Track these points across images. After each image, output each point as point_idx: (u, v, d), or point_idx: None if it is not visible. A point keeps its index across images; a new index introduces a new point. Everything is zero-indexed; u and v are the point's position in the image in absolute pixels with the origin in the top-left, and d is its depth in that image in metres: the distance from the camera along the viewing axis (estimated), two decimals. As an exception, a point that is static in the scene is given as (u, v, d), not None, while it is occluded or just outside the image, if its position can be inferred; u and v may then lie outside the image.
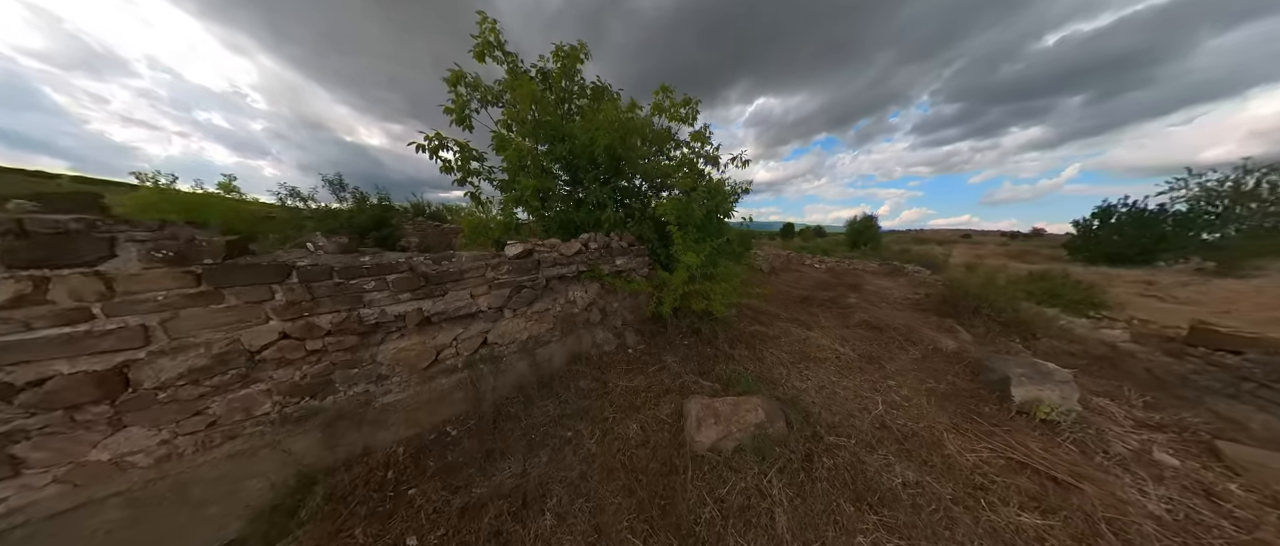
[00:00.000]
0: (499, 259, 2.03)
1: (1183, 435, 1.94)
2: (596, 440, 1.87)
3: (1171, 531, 1.47)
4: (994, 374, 2.29)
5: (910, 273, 5.15)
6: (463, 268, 1.87)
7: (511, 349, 2.18)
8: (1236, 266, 4.70)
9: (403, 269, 1.68)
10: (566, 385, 2.28)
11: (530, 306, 2.23)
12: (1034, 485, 1.67)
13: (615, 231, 2.96)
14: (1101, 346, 2.54)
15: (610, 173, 3.23)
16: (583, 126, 2.92)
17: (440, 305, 1.81)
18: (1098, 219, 6.46)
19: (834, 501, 1.50)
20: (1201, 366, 2.08)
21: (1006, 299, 3.01)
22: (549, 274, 2.31)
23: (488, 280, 1.98)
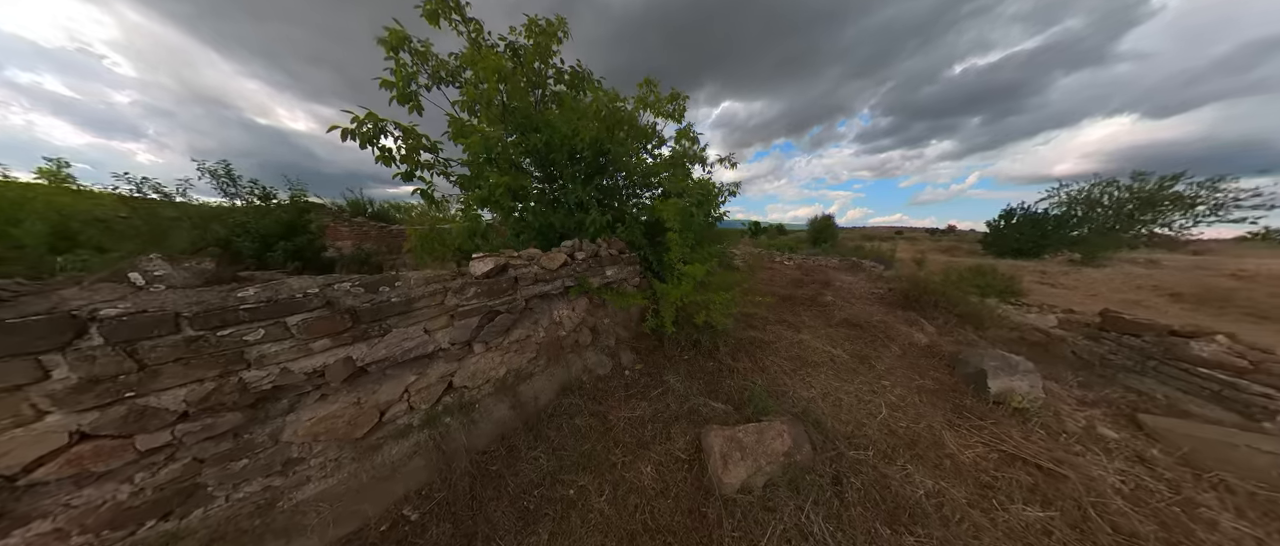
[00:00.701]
0: (462, 279, 1.51)
1: (1111, 410, 2.17)
2: (607, 497, 1.49)
3: (1132, 503, 1.56)
4: (969, 367, 2.41)
5: (867, 267, 5.56)
6: (411, 295, 1.33)
7: (486, 391, 1.69)
8: (1094, 258, 6.13)
9: (314, 305, 1.11)
10: (559, 425, 1.85)
11: (507, 335, 1.74)
12: (1027, 476, 1.69)
13: (601, 238, 2.56)
14: (1036, 332, 2.91)
15: (594, 170, 2.81)
16: (564, 115, 2.46)
17: (381, 349, 1.27)
18: (1004, 220, 7.89)
19: (870, 526, 1.37)
20: (1114, 348, 2.45)
21: (960, 294, 3.30)
22: (529, 293, 1.83)
23: (448, 308, 1.46)
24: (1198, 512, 1.54)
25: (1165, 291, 4.01)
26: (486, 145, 2.12)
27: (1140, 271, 5.18)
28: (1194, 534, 1.43)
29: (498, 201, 2.42)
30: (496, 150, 2.21)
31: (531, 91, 2.78)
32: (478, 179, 2.46)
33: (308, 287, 1.11)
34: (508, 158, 2.38)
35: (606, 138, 2.45)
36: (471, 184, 2.54)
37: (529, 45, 2.55)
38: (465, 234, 2.45)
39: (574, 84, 2.97)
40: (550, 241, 2.60)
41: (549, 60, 2.76)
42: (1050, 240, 7.02)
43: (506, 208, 2.42)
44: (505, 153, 2.27)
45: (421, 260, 2.59)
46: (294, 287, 1.09)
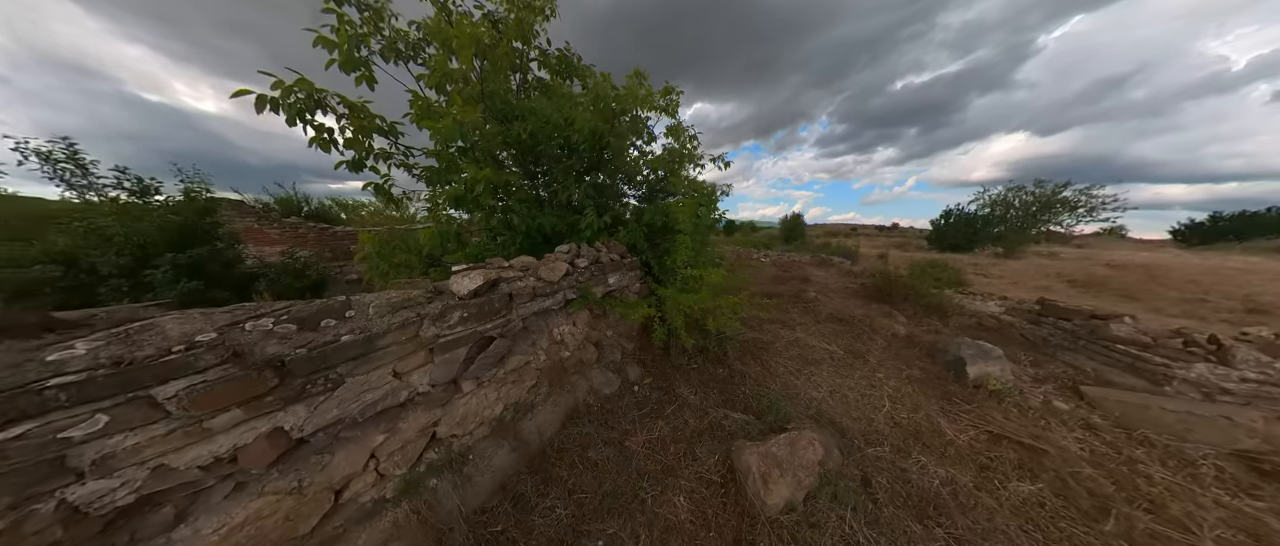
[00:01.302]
0: (442, 301, 1.13)
1: (1058, 384, 2.44)
2: (643, 543, 1.24)
3: (1094, 465, 1.73)
4: (949, 356, 2.56)
5: (836, 263, 5.91)
6: (372, 329, 0.94)
7: (480, 434, 1.32)
8: (1012, 252, 7.36)
9: (208, 362, 0.69)
10: (571, 461, 1.54)
11: (502, 365, 1.38)
12: (1014, 453, 1.79)
13: (599, 242, 2.26)
14: (991, 319, 3.26)
15: (589, 165, 2.48)
16: (555, 103, 2.10)
17: (330, 409, 0.86)
18: (944, 219, 9.15)
19: (904, 524, 1.34)
20: (1052, 330, 2.81)
21: (924, 286, 3.58)
22: (527, 312, 1.49)
23: (425, 341, 1.07)
24: (1137, 467, 1.74)
25: (1065, 278, 4.97)
26: (462, 131, 1.70)
27: (1045, 262, 6.25)
28: (1139, 486, 1.62)
29: (476, 200, 2.00)
30: (474, 138, 1.79)
31: (510, 76, 2.36)
32: (450, 172, 2.01)
33: (196, 332, 0.69)
34: (488, 147, 1.96)
35: (606, 130, 2.15)
36: (441, 178, 2.07)
37: (509, 19, 2.13)
38: (436, 239, 1.98)
39: (562, 70, 2.60)
40: (537, 247, 2.23)
41: (531, 41, 2.36)
42: (979, 236, 8.30)
43: (487, 207, 2.00)
44: (484, 141, 1.85)
45: (379, 273, 2.05)
46: (171, 334, 0.66)
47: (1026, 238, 8.08)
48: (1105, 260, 5.99)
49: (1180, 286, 4.53)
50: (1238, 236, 11.59)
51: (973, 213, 8.78)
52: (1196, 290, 4.45)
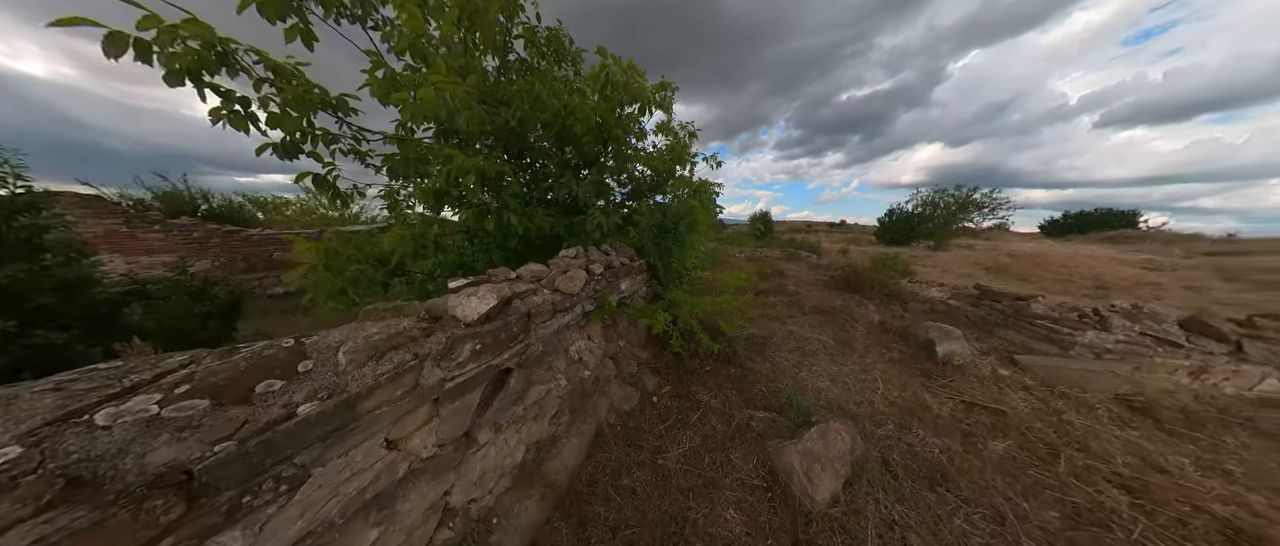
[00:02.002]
0: (446, 334, 0.81)
1: (999, 355, 2.84)
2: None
3: (1038, 419, 2.03)
4: (920, 338, 2.81)
5: (804, 257, 6.32)
6: (345, 387, 0.59)
7: (501, 489, 1.02)
8: (941, 245, 8.65)
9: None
10: (606, 495, 1.30)
11: (521, 401, 1.09)
12: (984, 417, 2.02)
13: (608, 244, 2.01)
14: (941, 304, 3.71)
15: (590, 159, 2.21)
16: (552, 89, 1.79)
17: (290, 524, 0.53)
18: (888, 217, 10.52)
19: (920, 496, 1.42)
20: (989, 311, 3.27)
21: (886, 278, 3.95)
22: (545, 331, 1.20)
23: (428, 392, 0.75)
24: (1062, 416, 2.08)
25: (982, 266, 6.03)
26: (446, 107, 1.32)
27: (966, 253, 7.48)
28: (1067, 431, 1.94)
29: (462, 197, 1.62)
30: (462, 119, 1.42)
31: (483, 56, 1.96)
32: (426, 161, 1.59)
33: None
34: (474, 132, 1.58)
35: (612, 121, 1.90)
36: (410, 168, 1.64)
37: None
38: (407, 244, 1.55)
39: (553, 53, 2.26)
40: (529, 251, 1.91)
41: (516, 15, 1.99)
42: (915, 232, 9.68)
43: (477, 204, 1.63)
44: (472, 123, 1.48)
45: (327, 291, 1.53)
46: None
47: (950, 233, 9.68)
48: (1006, 251, 7.40)
49: (1055, 270, 5.84)
50: (1079, 230, 15.30)
51: (909, 211, 10.27)
52: (1065, 273, 5.75)
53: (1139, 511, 1.42)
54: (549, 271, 1.41)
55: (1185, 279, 5.55)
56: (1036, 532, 1.30)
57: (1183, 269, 6.11)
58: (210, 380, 0.53)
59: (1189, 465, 1.75)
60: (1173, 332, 2.76)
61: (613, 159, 2.17)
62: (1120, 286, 5.06)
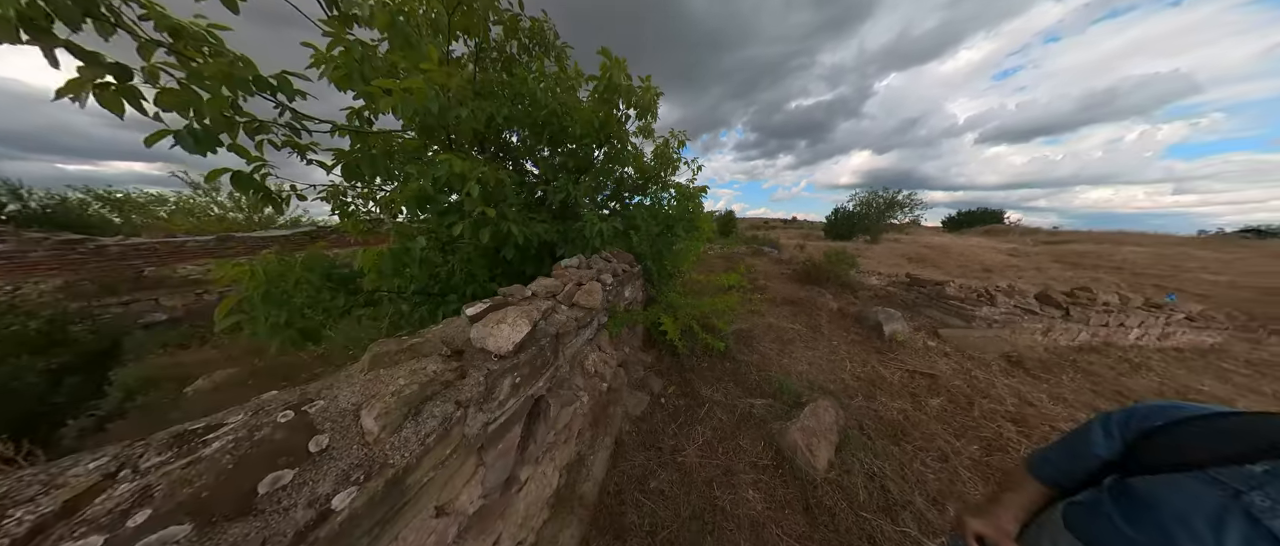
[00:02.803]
0: (481, 372, 0.68)
1: (926, 330, 3.44)
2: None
3: (958, 378, 2.50)
4: (870, 321, 3.24)
5: (767, 253, 6.82)
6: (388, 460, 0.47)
7: (541, 521, 0.93)
8: (876, 239, 10.02)
9: None
10: (637, 503, 1.28)
11: (554, 428, 1.01)
12: (923, 380, 2.44)
13: (608, 251, 1.94)
14: (881, 290, 4.31)
15: (584, 163, 2.09)
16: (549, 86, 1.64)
17: None
18: (835, 215, 11.94)
19: (889, 450, 1.70)
20: (917, 295, 3.90)
21: (839, 270, 4.45)
22: (571, 352, 1.13)
23: (473, 442, 0.63)
24: (972, 374, 2.61)
25: (907, 257, 7.21)
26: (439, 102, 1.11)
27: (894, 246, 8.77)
28: (976, 384, 2.44)
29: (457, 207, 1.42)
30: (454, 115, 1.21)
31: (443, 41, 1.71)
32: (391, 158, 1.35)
33: None
34: (472, 128, 1.38)
35: (612, 123, 1.81)
36: (377, 167, 1.38)
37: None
38: (388, 263, 1.30)
39: (537, 45, 2.05)
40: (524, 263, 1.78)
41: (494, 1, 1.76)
42: (855, 228, 11.08)
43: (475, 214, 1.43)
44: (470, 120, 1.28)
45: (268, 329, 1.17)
46: None
47: (881, 228, 11.26)
48: (922, 243, 8.92)
49: (957, 258, 7.29)
50: (968, 225, 19.07)
51: (851, 210, 11.78)
52: (963, 261, 7.20)
53: (1022, 436, 1.88)
54: (562, 285, 1.32)
55: (1034, 262, 7.29)
56: (967, 462, 1.64)
57: (1032, 255, 8.02)
58: (178, 491, 0.39)
59: (1046, 398, 2.35)
60: (1031, 304, 3.57)
61: (610, 163, 2.08)
62: (998, 269, 6.48)
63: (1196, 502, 0.37)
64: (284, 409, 0.51)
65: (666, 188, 2.29)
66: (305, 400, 0.54)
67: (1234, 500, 0.36)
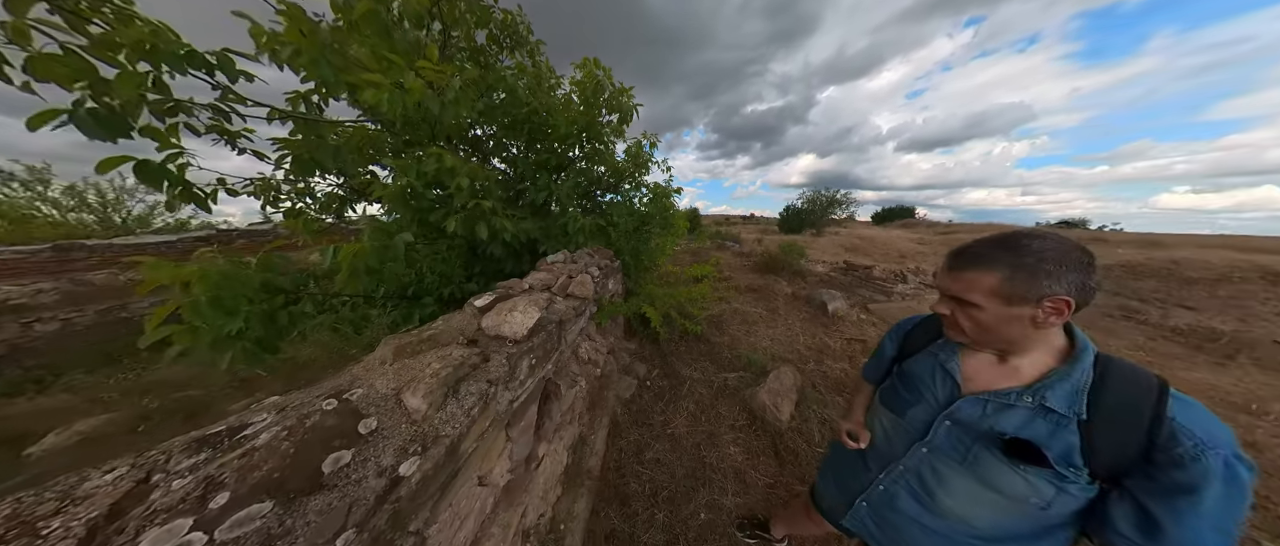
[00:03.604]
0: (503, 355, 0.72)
1: (859, 306, 4.18)
2: (733, 491, 1.38)
3: None
4: (817, 301, 3.81)
5: (730, 246, 7.40)
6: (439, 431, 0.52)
7: (556, 494, 1.01)
8: (820, 232, 11.36)
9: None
10: (634, 472, 1.41)
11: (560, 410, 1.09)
12: (858, 346, 2.98)
13: (590, 247, 2.01)
14: (825, 276, 5.02)
15: (564, 161, 2.12)
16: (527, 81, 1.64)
17: None
18: (787, 211, 13.23)
19: (834, 400, 2.09)
20: (852, 278, 4.64)
21: (791, 260, 5.07)
22: (571, 338, 1.20)
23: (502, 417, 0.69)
24: None
25: (845, 247, 8.39)
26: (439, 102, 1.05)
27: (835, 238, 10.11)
28: None
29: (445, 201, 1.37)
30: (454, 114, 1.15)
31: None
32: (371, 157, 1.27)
33: None
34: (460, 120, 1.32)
35: (596, 127, 1.86)
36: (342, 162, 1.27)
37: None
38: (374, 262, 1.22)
39: (509, 40, 2.00)
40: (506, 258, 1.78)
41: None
42: (804, 223, 12.44)
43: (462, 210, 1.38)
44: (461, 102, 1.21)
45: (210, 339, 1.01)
46: None
47: (825, 222, 12.84)
48: (857, 235, 10.46)
49: (882, 247, 8.75)
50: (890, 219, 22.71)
51: (800, 207, 13.27)
52: (885, 249, 8.66)
53: (928, 387, 2.49)
54: (555, 278, 1.38)
55: (934, 248, 9.10)
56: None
57: (933, 242, 10.00)
58: (248, 476, 0.42)
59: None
60: (931, 280, 4.51)
61: (589, 162, 2.14)
62: (910, 255, 7.98)
63: (925, 365, 0.63)
64: (325, 399, 0.53)
65: (639, 187, 2.41)
66: (342, 391, 0.57)
67: (935, 359, 0.62)
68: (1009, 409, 0.51)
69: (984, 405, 0.54)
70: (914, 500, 0.61)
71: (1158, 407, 0.44)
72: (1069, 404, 0.48)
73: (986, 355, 0.57)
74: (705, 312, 2.66)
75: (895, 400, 0.66)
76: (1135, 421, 0.45)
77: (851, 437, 0.71)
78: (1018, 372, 0.53)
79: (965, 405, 0.55)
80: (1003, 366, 0.55)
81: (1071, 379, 0.49)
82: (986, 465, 0.52)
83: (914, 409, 0.62)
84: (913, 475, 0.61)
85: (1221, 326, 3.52)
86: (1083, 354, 0.50)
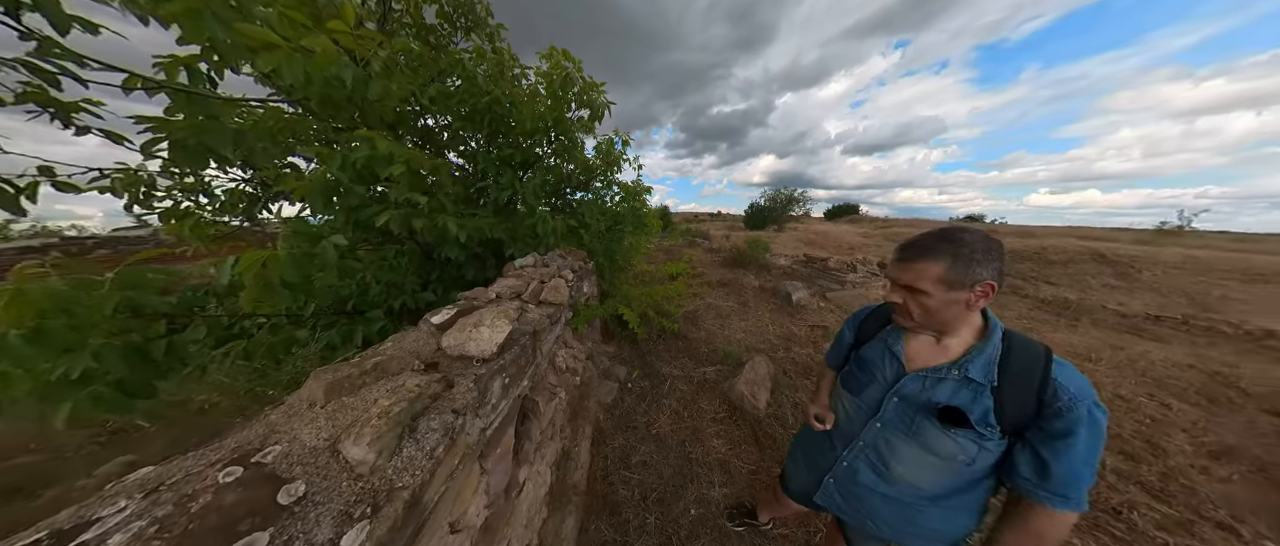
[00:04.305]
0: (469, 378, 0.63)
1: (818, 295, 4.60)
2: (720, 482, 1.43)
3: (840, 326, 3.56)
4: (782, 292, 4.11)
5: (700, 243, 7.66)
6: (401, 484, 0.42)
7: (541, 517, 0.94)
8: (782, 228, 12.23)
9: None
10: (623, 478, 1.38)
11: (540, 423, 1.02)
12: (820, 332, 3.28)
13: (562, 249, 1.91)
14: (788, 268, 5.43)
15: (529, 158, 1.97)
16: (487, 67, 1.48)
17: None
18: (752, 209, 14.06)
19: (803, 383, 2.26)
20: (812, 269, 5.09)
21: (757, 255, 5.41)
22: (547, 348, 1.13)
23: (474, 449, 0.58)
24: None
25: (802, 241, 9.20)
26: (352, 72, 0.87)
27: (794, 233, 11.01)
28: None
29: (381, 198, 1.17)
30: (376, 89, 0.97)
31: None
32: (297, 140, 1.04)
33: None
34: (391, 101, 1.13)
35: (565, 123, 1.75)
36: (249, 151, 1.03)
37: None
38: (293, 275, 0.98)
39: (465, 20, 1.78)
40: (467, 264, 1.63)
41: None
42: (766, 220, 13.34)
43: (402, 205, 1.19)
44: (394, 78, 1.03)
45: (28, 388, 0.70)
46: None
47: (785, 219, 13.93)
48: (813, 231, 11.57)
49: (834, 241, 9.79)
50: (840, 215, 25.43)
51: (763, 205, 14.30)
52: (837, 242, 9.70)
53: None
54: (526, 284, 1.27)
55: (875, 241, 10.40)
56: (851, 391, 2.39)
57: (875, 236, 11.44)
58: None
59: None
60: (876, 269, 5.13)
61: (557, 159, 2.02)
62: (858, 247, 9.03)
63: (876, 350, 0.70)
64: (224, 468, 0.41)
65: (610, 185, 2.34)
66: (250, 452, 0.44)
67: (884, 344, 0.69)
68: (941, 381, 0.60)
69: (923, 380, 0.62)
70: (872, 471, 0.68)
71: (1046, 371, 0.54)
72: (985, 374, 0.57)
73: (926, 337, 0.64)
74: (681, 309, 2.70)
75: (853, 382, 0.73)
76: (1031, 383, 0.54)
77: (819, 420, 0.78)
78: (948, 350, 0.62)
79: (908, 382, 0.63)
80: (937, 346, 0.63)
81: (985, 353, 0.58)
82: (927, 432, 0.60)
83: (868, 389, 0.69)
84: (871, 449, 0.68)
85: (1071, 297, 4.52)
86: (993, 331, 0.59)
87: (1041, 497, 0.53)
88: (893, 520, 0.67)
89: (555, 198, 2.21)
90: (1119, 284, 4.61)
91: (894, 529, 0.68)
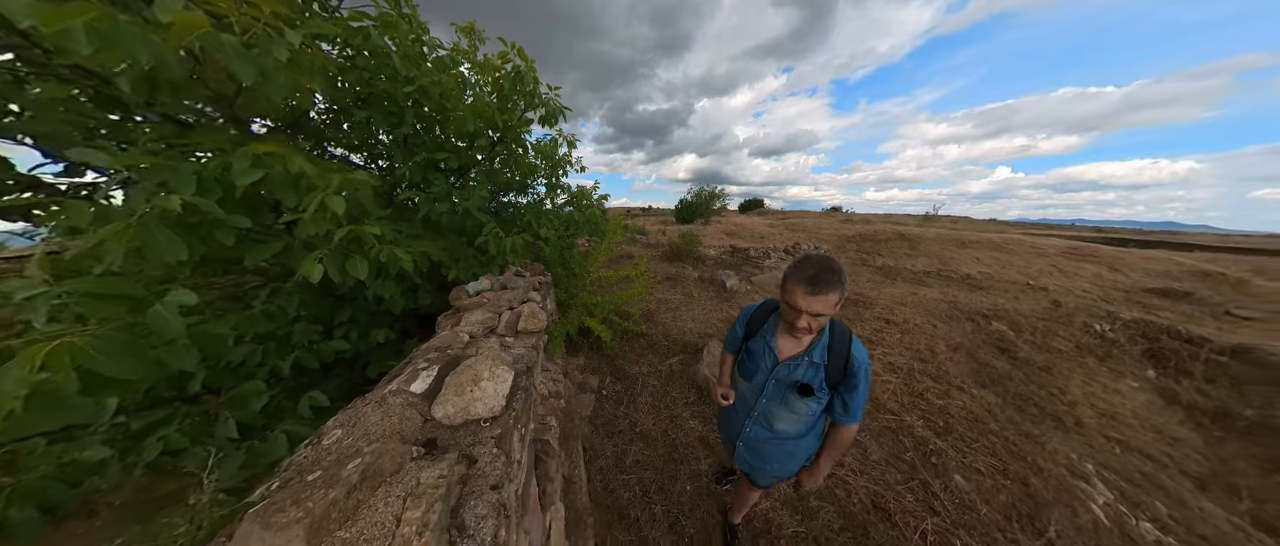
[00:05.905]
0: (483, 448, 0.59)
1: (746, 280, 5.55)
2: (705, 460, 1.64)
3: None
4: (717, 281, 4.79)
5: (639, 239, 8.03)
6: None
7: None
8: (708, 222, 13.82)
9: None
10: (623, 481, 1.46)
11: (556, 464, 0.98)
12: None
13: (520, 265, 1.77)
14: (718, 258, 6.29)
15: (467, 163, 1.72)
16: (404, 47, 1.21)
17: None
18: (681, 205, 15.21)
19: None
20: (737, 258, 6.05)
21: (693, 248, 6.08)
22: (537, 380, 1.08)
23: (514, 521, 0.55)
24: None
25: (726, 233, 10.79)
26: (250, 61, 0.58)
27: (718, 226, 12.49)
28: None
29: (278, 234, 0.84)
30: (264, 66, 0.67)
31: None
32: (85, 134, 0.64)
33: None
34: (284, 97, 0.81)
35: (514, 126, 1.57)
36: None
37: None
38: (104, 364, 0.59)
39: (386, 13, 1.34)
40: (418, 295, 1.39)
41: None
42: (695, 213, 14.72)
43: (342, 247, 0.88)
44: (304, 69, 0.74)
45: None
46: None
47: (709, 212, 15.72)
48: (732, 223, 13.46)
49: (750, 232, 11.89)
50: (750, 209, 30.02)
51: (691, 201, 15.81)
52: (752, 233, 11.81)
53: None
54: (496, 316, 1.17)
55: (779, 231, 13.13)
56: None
57: (778, 226, 14.43)
58: None
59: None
60: (784, 254, 6.51)
61: (505, 166, 1.82)
62: (767, 236, 11.24)
63: (759, 344, 0.91)
64: None
65: (555, 189, 2.21)
66: None
67: (764, 340, 0.89)
68: (798, 366, 0.86)
69: (790, 367, 0.87)
70: (763, 429, 0.96)
71: (848, 348, 0.83)
72: (820, 356, 0.85)
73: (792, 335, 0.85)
74: (639, 309, 2.87)
75: (744, 370, 0.97)
76: (841, 357, 0.83)
77: (723, 398, 1.01)
78: (801, 343, 0.86)
79: (782, 368, 0.88)
80: (797, 341, 0.87)
81: (821, 342, 0.85)
82: (792, 402, 0.88)
83: (756, 376, 0.93)
84: (761, 416, 0.95)
85: (891, 263, 6.84)
86: (827, 325, 0.85)
87: (844, 420, 0.86)
88: (778, 456, 0.96)
89: (492, 201, 1.98)
90: (912, 253, 7.19)
91: (780, 462, 0.97)
